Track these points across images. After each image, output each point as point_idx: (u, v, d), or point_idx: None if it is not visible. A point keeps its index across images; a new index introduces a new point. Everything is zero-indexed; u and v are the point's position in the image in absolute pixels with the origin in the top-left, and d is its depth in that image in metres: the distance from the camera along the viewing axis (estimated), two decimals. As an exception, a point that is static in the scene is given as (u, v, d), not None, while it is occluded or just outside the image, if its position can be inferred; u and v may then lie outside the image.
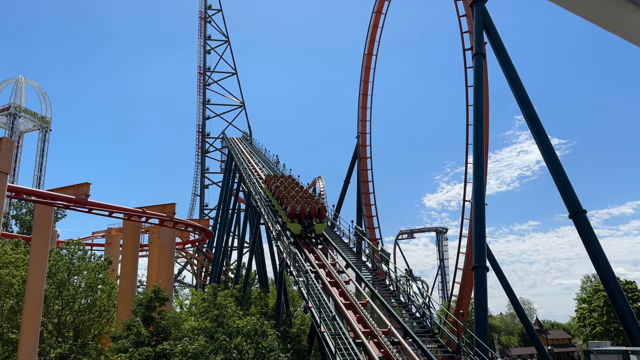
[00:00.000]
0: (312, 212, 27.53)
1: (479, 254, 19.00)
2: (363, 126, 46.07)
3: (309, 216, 27.43)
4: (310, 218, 27.46)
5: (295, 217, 27.13)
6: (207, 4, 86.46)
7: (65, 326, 29.61)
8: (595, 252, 17.96)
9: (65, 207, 28.90)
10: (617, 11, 2.13)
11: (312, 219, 27.50)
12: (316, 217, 27.78)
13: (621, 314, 17.10)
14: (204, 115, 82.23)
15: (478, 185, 20.84)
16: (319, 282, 20.49)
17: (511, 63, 22.59)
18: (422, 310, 17.97)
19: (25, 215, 59.69)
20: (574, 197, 18.95)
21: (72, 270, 30.48)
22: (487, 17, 23.82)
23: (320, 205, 28.52)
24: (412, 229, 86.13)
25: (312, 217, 27.55)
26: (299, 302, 40.75)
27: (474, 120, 22.52)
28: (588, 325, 54.55)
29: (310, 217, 27.50)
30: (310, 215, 27.45)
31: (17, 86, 79.35)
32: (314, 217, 27.64)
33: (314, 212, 27.63)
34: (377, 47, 45.38)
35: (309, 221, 27.29)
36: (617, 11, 2.14)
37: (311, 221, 27.36)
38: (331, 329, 15.43)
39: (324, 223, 27.54)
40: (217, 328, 20.58)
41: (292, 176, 35.06)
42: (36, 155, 79.44)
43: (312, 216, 27.54)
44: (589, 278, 65.81)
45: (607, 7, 2.11)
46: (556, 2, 2.28)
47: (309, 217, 27.42)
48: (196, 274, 62.50)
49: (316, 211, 27.77)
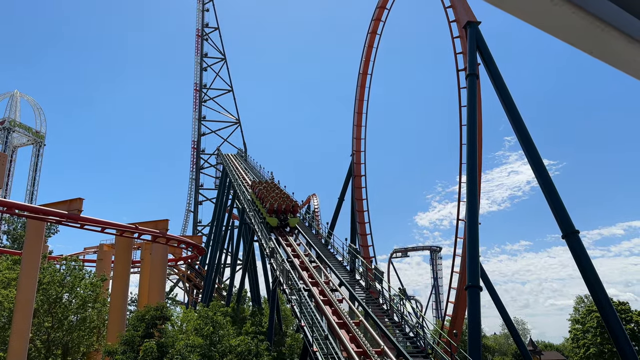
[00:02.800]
0: (287, 209, 32.49)
1: (473, 273, 18.97)
2: (357, 144, 46.24)
3: (285, 212, 32.34)
4: (285, 214, 32.32)
5: (273, 212, 31.89)
6: (204, 22, 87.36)
7: (55, 344, 29.16)
8: (588, 273, 17.99)
9: (58, 222, 28.72)
10: (602, 38, 2.20)
11: (287, 214, 32.35)
12: (290, 213, 32.58)
13: (614, 335, 17.09)
14: (199, 131, 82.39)
15: (471, 204, 20.89)
16: (312, 300, 20.37)
17: (504, 84, 22.88)
18: (415, 330, 17.87)
19: (17, 231, 59.18)
20: (567, 218, 19.05)
21: (65, 287, 30.14)
22: (481, 39, 24.20)
23: (294, 203, 33.49)
24: (406, 247, 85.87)
25: (287, 212, 32.43)
26: (292, 321, 40.46)
27: (468, 140, 22.69)
28: (582, 347, 54.31)
29: (286, 212, 32.38)
30: (285, 211, 32.37)
31: (12, 100, 79.42)
32: (288, 213, 32.48)
33: (288, 209, 32.56)
34: (372, 67, 45.86)
35: (285, 216, 32.18)
36: (602, 38, 2.20)
37: (286, 216, 32.22)
38: (324, 348, 15.31)
39: (296, 217, 32.67)
40: (210, 347, 20.33)
41: (275, 182, 40.85)
42: (29, 170, 79.21)
43: (287, 212, 32.45)
44: (582, 299, 65.68)
45: (592, 34, 2.17)
46: (543, 29, 2.35)
47: (284, 212, 32.30)
48: (188, 292, 61.92)
49: (290, 208, 32.70)
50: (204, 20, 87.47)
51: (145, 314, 22.71)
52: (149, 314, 22.56)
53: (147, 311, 22.96)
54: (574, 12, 2.15)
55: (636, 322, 48.09)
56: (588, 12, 2.13)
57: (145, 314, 22.68)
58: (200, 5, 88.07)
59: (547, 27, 2.35)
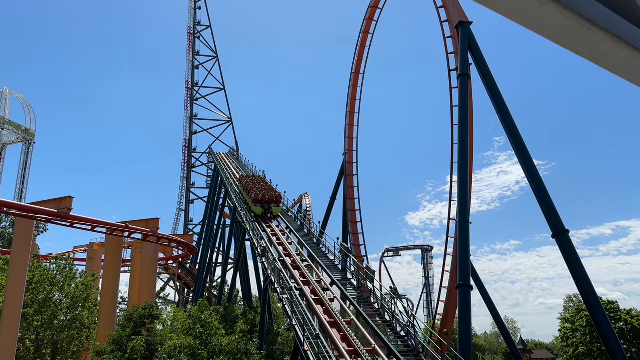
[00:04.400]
0: (270, 199, 35.36)
1: (464, 272, 19.04)
2: (350, 143, 46.27)
3: (269, 202, 35.18)
4: (269, 203, 35.14)
5: (258, 202, 34.68)
6: (196, 19, 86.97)
7: (44, 343, 28.92)
8: (578, 272, 18.13)
9: (47, 220, 28.50)
10: (588, 38, 2.21)
11: (270, 204, 35.17)
12: (274, 203, 35.45)
13: (603, 334, 17.21)
14: (191, 130, 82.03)
15: (463, 203, 20.97)
16: (304, 299, 20.35)
17: (495, 84, 22.98)
18: (406, 329, 17.91)
19: (6, 229, 58.60)
20: (557, 217, 19.16)
21: (56, 286, 29.86)
22: (472, 39, 24.30)
23: (278, 193, 36.45)
24: (398, 247, 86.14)
25: (270, 202, 35.24)
26: (283, 320, 40.47)
27: (459, 139, 22.77)
28: (571, 346, 54.72)
29: (270, 202, 35.17)
30: (269, 201, 35.21)
31: (2, 98, 78.52)
32: (272, 203, 35.33)
33: (272, 199, 35.45)
34: (365, 66, 45.90)
35: (268, 206, 35.04)
36: (588, 38, 2.21)
37: (270, 206, 35.03)
38: (315, 347, 15.31)
39: (279, 207, 35.59)
40: (200, 346, 20.24)
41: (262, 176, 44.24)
42: (19, 168, 78.34)
43: (270, 202, 35.29)
44: (571, 298, 66.19)
45: (578, 33, 2.18)
46: (532, 29, 2.35)
47: (268, 202, 35.13)
48: (179, 291, 61.68)
49: (274, 198, 35.57)
50: (196, 18, 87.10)
51: (134, 313, 22.58)
52: (137, 313, 22.43)
53: (135, 310, 22.83)
54: (561, 11, 2.16)
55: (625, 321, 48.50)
56: (574, 12, 2.14)
57: (133, 314, 22.54)
58: (192, 3, 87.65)
59: (535, 26, 2.35)
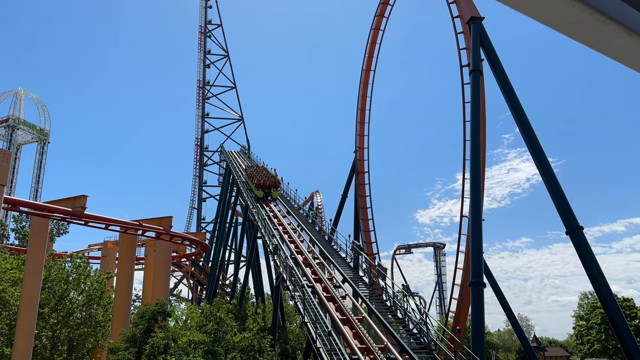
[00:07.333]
0: (270, 184, 41.50)
1: (476, 269, 18.93)
2: (361, 141, 46.17)
3: (269, 187, 41.18)
4: (269, 188, 41.08)
5: (260, 187, 40.64)
6: (207, 19, 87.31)
7: (60, 340, 29.30)
8: (593, 269, 17.91)
9: (62, 219, 28.82)
10: (602, 30, 2.18)
11: (270, 188, 41.12)
12: (273, 187, 41.38)
13: (619, 331, 17.00)
14: (203, 128, 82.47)
15: (475, 200, 20.83)
16: (316, 297, 20.39)
17: (508, 80, 22.74)
18: (419, 326, 17.86)
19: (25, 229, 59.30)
20: (571, 214, 18.92)
21: (71, 284, 30.23)
22: (484, 35, 24.07)
23: (276, 179, 42.69)
24: (409, 244, 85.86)
25: (270, 187, 41.26)
26: (295, 318, 40.59)
27: (471, 135, 22.61)
28: (586, 343, 54.23)
29: (270, 187, 41.19)
30: (269, 186, 41.27)
31: (17, 98, 79.60)
32: (272, 187, 41.31)
33: (271, 184, 41.58)
34: (375, 64, 45.71)
35: (268, 190, 40.90)
36: (601, 30, 2.18)
37: (269, 190, 40.87)
38: (327, 344, 15.34)
39: (278, 191, 41.51)
40: (214, 343, 20.38)
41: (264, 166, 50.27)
42: (34, 168, 79.48)
43: (270, 186, 41.30)
44: (586, 295, 65.54)
45: (592, 26, 2.15)
46: (545, 22, 2.33)
47: (268, 187, 41.09)
48: (192, 288, 62.10)
49: (273, 183, 41.64)
50: (207, 17, 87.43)
51: (146, 310, 22.83)
52: (149, 310, 22.67)
53: (148, 308, 23.08)
54: (574, 4, 2.13)
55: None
56: (587, 4, 2.11)
57: (145, 311, 22.79)
58: (203, 2, 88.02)
59: (548, 20, 2.33)
